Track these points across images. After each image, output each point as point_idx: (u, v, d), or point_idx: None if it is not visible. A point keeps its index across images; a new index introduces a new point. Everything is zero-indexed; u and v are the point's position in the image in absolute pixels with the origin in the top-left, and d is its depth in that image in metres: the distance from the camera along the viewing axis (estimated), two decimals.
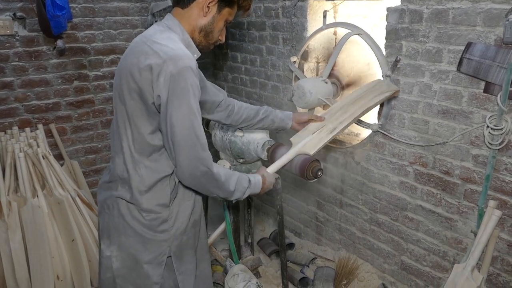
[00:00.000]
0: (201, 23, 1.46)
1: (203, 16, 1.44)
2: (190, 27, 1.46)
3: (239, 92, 3.39)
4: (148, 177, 1.43)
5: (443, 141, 1.99)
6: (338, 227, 2.73)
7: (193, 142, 1.34)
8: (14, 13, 2.73)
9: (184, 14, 1.45)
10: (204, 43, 1.51)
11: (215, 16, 1.46)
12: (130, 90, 1.36)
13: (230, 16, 1.50)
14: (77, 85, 3.09)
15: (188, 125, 1.32)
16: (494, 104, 1.77)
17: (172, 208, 1.49)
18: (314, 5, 2.57)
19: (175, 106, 1.30)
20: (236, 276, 2.26)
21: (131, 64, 1.35)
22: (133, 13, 3.19)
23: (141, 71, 1.31)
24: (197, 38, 1.49)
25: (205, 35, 1.49)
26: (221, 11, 1.46)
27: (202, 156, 1.37)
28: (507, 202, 1.83)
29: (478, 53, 1.77)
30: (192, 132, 1.33)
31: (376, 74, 2.50)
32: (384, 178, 2.33)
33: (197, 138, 1.35)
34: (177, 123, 1.31)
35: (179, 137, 1.32)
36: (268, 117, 1.94)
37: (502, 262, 1.89)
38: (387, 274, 2.46)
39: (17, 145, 2.68)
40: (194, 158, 1.36)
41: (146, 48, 1.34)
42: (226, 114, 1.84)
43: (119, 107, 1.41)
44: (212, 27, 1.47)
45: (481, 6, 1.73)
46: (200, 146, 1.36)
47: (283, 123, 1.99)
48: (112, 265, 1.50)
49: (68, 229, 2.57)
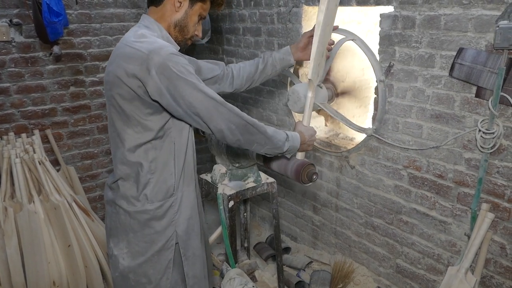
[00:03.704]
0: (175, 18, 1.52)
1: (176, 12, 1.50)
2: (166, 23, 1.52)
3: (234, 97, 3.41)
4: (150, 170, 1.49)
5: (436, 145, 2.02)
6: (334, 231, 2.75)
7: (214, 104, 1.40)
8: (11, 20, 2.74)
9: (159, 11, 1.52)
10: (181, 38, 1.57)
11: (188, 10, 1.52)
12: (120, 93, 1.41)
13: (204, 11, 1.56)
14: (73, 90, 3.10)
15: (201, 96, 1.38)
16: (486, 108, 1.80)
17: (177, 196, 1.56)
18: (309, 11, 2.60)
19: (181, 89, 1.36)
20: (232, 280, 2.26)
21: (117, 67, 1.40)
22: (129, 19, 3.21)
23: (129, 73, 1.36)
24: (173, 34, 1.54)
25: (180, 30, 1.54)
26: (193, 6, 1.52)
27: (228, 111, 1.43)
28: (499, 205, 1.85)
29: (469, 58, 1.80)
30: (208, 99, 1.39)
31: (370, 79, 2.53)
32: (379, 182, 2.35)
33: (215, 99, 1.40)
34: (192, 99, 1.37)
35: (200, 109, 1.39)
36: (267, 64, 1.96)
37: (495, 264, 1.91)
38: (382, 277, 2.47)
39: (13, 151, 2.68)
40: (223, 118, 1.42)
41: (128, 49, 1.39)
42: (228, 83, 1.91)
43: (113, 109, 1.47)
44: (186, 22, 1.53)
45: (472, 13, 1.76)
46: (221, 106, 1.41)
47: (285, 61, 1.98)
48: (122, 262, 1.56)
49: (65, 235, 2.57)
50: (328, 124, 2.83)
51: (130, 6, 3.19)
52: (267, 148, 1.54)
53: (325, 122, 2.84)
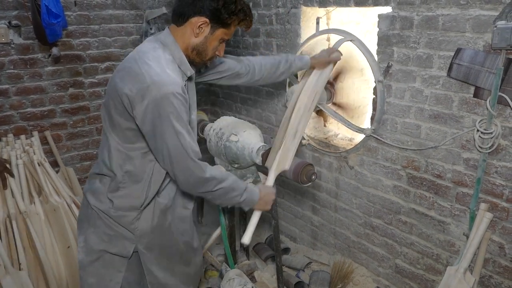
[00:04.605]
0: (193, 42, 1.49)
1: (195, 37, 1.48)
2: (184, 44, 1.50)
3: (233, 97, 3.41)
4: (122, 180, 1.51)
5: (435, 145, 2.02)
6: (333, 231, 2.75)
7: (184, 156, 1.44)
8: (9, 21, 2.74)
9: (179, 31, 1.49)
10: (198, 60, 1.55)
11: (208, 36, 1.48)
12: (114, 103, 1.43)
13: (227, 35, 1.52)
14: (72, 92, 3.10)
15: (177, 144, 1.41)
16: (484, 108, 1.80)
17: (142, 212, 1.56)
18: (307, 12, 2.60)
19: (163, 128, 1.38)
20: (231, 280, 2.26)
21: (119, 80, 1.41)
22: (128, 20, 3.21)
23: (127, 93, 1.37)
24: (190, 56, 1.52)
25: (197, 54, 1.52)
26: (215, 31, 1.48)
27: (194, 166, 1.46)
28: (498, 205, 1.86)
29: (467, 58, 1.80)
30: (181, 148, 1.42)
31: (369, 80, 2.54)
32: (378, 182, 2.35)
33: (187, 152, 1.43)
34: (169, 142, 1.40)
35: (172, 154, 1.43)
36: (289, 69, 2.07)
37: (494, 264, 1.92)
38: (381, 277, 2.48)
39: (13, 153, 2.68)
40: (186, 169, 1.46)
41: (136, 68, 1.39)
42: (249, 78, 1.99)
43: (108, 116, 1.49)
44: (204, 47, 1.51)
45: (470, 13, 1.76)
46: (190, 159, 1.45)
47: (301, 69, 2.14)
48: (78, 256, 1.59)
49: (64, 236, 2.57)
50: (327, 124, 2.83)
51: (128, 8, 3.19)
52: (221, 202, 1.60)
53: (324, 122, 2.84)
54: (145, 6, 3.25)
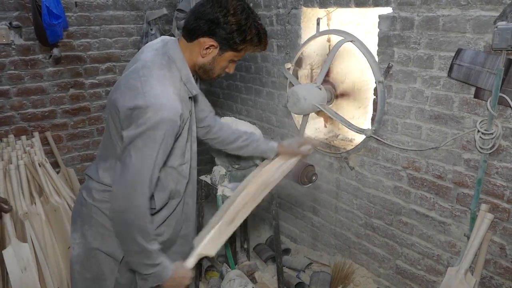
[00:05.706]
0: (200, 61, 1.43)
1: (201, 57, 1.42)
2: (191, 62, 1.44)
3: (234, 98, 3.41)
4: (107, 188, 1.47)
5: (436, 145, 2.02)
6: (334, 232, 2.75)
7: (133, 184, 1.33)
8: (10, 22, 2.75)
9: (188, 47, 1.42)
10: (205, 77, 1.50)
11: (216, 57, 1.42)
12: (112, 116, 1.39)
13: (236, 57, 1.46)
14: (73, 93, 3.11)
15: (139, 167, 1.31)
16: (484, 109, 1.80)
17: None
18: (308, 13, 2.61)
19: (140, 145, 1.30)
20: (232, 281, 2.26)
21: (120, 93, 1.35)
22: (129, 21, 3.22)
23: (125, 110, 1.31)
24: (197, 72, 1.48)
25: (204, 72, 1.47)
26: (223, 53, 1.42)
27: (139, 204, 1.34)
28: (498, 206, 1.86)
29: (468, 59, 1.80)
30: (136, 175, 1.32)
31: (369, 81, 2.54)
32: (378, 182, 2.35)
33: (142, 187, 1.33)
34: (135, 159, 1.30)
35: (128, 171, 1.31)
36: (248, 146, 1.85)
37: (495, 265, 1.91)
38: (382, 278, 2.47)
39: (13, 153, 2.68)
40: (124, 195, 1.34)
41: (138, 84, 1.32)
42: (205, 132, 1.80)
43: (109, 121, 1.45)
44: (211, 66, 1.45)
45: (470, 14, 1.76)
46: (134, 192, 1.33)
47: (265, 156, 1.89)
48: (72, 251, 1.55)
49: (64, 237, 2.57)
50: (327, 125, 2.83)
51: (129, 9, 3.20)
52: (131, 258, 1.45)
53: (325, 123, 2.84)
54: (146, 7, 3.25)
